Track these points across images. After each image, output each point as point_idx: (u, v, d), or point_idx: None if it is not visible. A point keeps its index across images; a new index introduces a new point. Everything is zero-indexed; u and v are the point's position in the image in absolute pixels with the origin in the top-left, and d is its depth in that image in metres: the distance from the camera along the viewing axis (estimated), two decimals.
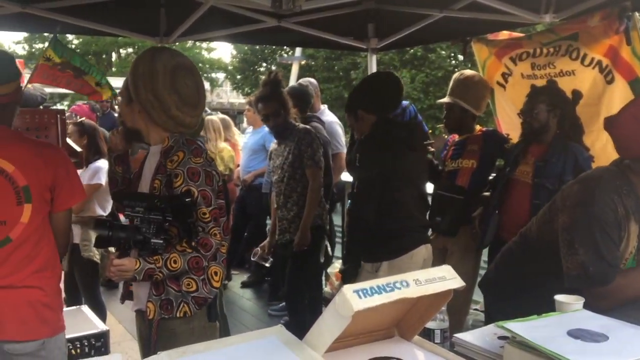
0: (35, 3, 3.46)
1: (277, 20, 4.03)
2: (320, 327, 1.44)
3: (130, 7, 3.62)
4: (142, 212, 2.08)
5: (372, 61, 4.67)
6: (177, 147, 2.18)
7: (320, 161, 3.91)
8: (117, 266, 2.06)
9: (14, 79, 2.13)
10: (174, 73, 2.15)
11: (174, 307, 2.15)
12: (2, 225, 2.08)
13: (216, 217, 2.14)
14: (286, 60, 24.10)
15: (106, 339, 2.98)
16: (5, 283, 2.07)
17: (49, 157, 2.20)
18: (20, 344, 2.08)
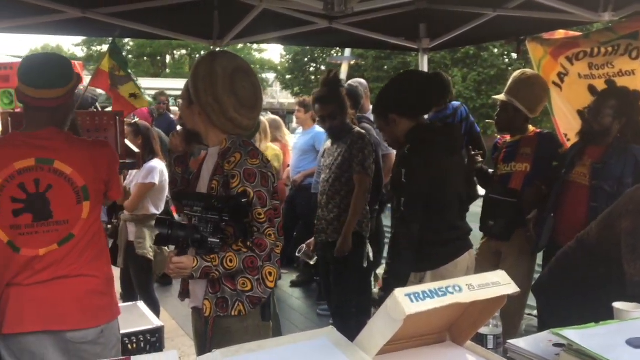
0: (95, 8, 3.58)
1: (328, 22, 4.05)
2: (372, 330, 1.44)
3: (185, 11, 3.70)
4: (200, 211, 2.13)
5: (424, 61, 4.63)
6: (234, 149, 2.22)
7: (370, 168, 3.87)
8: (176, 263, 2.12)
9: (64, 85, 2.18)
10: (233, 76, 2.20)
11: (229, 305, 2.19)
12: (65, 224, 2.17)
13: (271, 217, 2.18)
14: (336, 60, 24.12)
15: (161, 334, 3.06)
16: (67, 272, 2.17)
17: (100, 153, 2.29)
18: (81, 332, 2.17)
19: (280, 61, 33.29)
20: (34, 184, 2.12)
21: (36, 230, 2.12)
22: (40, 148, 2.14)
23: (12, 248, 2.10)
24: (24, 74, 2.14)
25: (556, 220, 3.16)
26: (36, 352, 2.11)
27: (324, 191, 4.04)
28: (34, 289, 2.12)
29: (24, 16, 3.62)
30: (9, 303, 2.11)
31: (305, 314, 5.33)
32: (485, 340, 1.66)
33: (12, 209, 2.09)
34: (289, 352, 1.45)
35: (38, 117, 2.17)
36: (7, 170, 2.09)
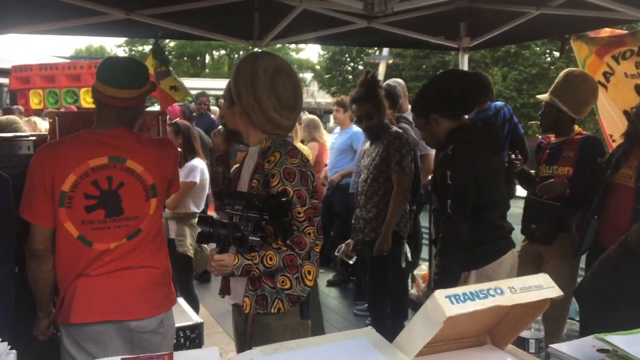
0: (139, 10, 3.66)
1: (367, 22, 4.04)
2: (411, 331, 1.44)
3: (225, 12, 3.74)
4: (241, 210, 2.15)
5: (464, 61, 4.58)
6: (274, 148, 2.24)
7: (408, 167, 3.86)
8: (218, 261, 2.15)
9: (136, 87, 2.26)
10: (273, 76, 2.22)
11: (268, 302, 2.22)
12: (134, 220, 2.25)
13: (310, 216, 2.19)
14: (373, 60, 24.02)
15: (200, 330, 3.10)
16: (134, 264, 2.25)
17: (167, 153, 2.39)
18: (144, 321, 2.25)
19: (318, 61, 33.35)
20: (107, 182, 2.20)
21: (108, 226, 2.21)
22: (112, 147, 2.22)
23: (84, 242, 2.19)
24: (103, 72, 2.24)
25: (600, 222, 3.08)
26: (101, 341, 2.18)
27: (362, 191, 4.05)
28: (101, 279, 2.20)
29: (70, 18, 3.72)
30: (76, 294, 2.18)
31: (341, 314, 5.33)
32: (527, 344, 1.63)
33: (85, 205, 2.18)
34: (327, 351, 1.46)
35: (109, 115, 2.25)
36: (81, 167, 2.17)
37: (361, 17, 3.95)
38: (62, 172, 2.16)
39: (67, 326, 2.22)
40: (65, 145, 2.24)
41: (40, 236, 2.17)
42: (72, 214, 2.17)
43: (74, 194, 2.17)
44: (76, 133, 2.30)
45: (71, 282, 2.21)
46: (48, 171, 2.15)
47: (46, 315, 2.33)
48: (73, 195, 2.16)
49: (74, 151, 2.20)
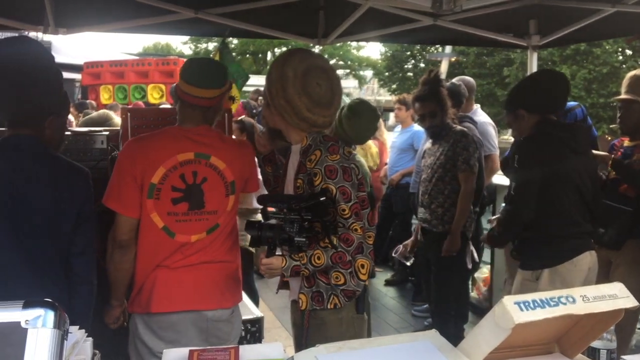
0: (207, 9, 3.74)
1: (433, 19, 3.99)
2: (477, 337, 1.42)
3: (291, 11, 3.78)
4: (284, 212, 2.19)
5: (533, 59, 4.44)
6: (314, 146, 2.25)
7: (475, 166, 3.80)
8: (266, 264, 2.20)
9: (216, 87, 2.34)
10: (304, 75, 2.21)
11: (324, 299, 2.24)
12: (214, 214, 2.34)
13: (357, 211, 2.18)
14: (436, 57, 23.69)
15: (261, 324, 3.14)
16: (211, 258, 2.34)
17: (245, 153, 2.47)
18: (219, 311, 2.35)
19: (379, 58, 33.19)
20: (192, 176, 2.30)
21: (190, 218, 2.30)
22: (198, 143, 2.31)
23: (167, 233, 2.28)
24: (187, 74, 2.32)
25: None
26: (179, 330, 2.28)
27: (425, 191, 4.01)
28: (181, 271, 2.29)
29: (141, 17, 3.85)
30: (156, 284, 2.28)
31: (399, 314, 5.30)
32: (598, 354, 1.58)
33: (171, 197, 2.27)
34: (391, 352, 1.46)
35: (193, 114, 2.34)
36: (171, 161, 2.27)
37: (427, 15, 3.90)
38: (153, 165, 2.26)
39: (144, 315, 2.31)
40: (156, 139, 2.34)
41: (126, 226, 2.27)
42: (159, 205, 2.27)
43: (162, 186, 2.27)
44: (164, 128, 2.41)
45: (150, 272, 2.30)
46: (139, 163, 2.25)
47: (120, 305, 2.43)
48: (161, 188, 2.27)
49: (164, 145, 2.30)
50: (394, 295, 5.80)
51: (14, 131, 2.10)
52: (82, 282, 2.17)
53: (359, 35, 4.44)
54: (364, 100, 3.37)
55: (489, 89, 22.87)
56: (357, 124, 3.14)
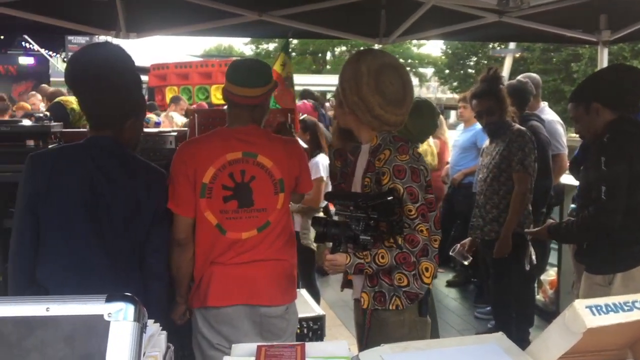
0: (271, 11, 3.81)
1: (497, 16, 3.91)
2: (546, 341, 1.39)
3: (353, 11, 3.79)
4: (351, 210, 2.20)
5: (604, 55, 4.28)
6: (384, 146, 2.26)
7: (530, 167, 3.71)
8: (330, 261, 2.23)
9: (262, 85, 2.39)
10: (378, 74, 2.23)
11: (386, 299, 2.24)
12: (263, 212, 2.39)
13: (424, 213, 2.18)
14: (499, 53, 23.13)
15: (322, 322, 3.18)
16: (264, 257, 2.38)
17: (294, 151, 2.50)
18: (272, 307, 2.39)
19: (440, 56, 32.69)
20: (240, 174, 2.35)
21: (240, 216, 2.36)
22: (246, 142, 2.37)
23: (220, 230, 2.35)
24: (232, 74, 2.38)
25: None
26: (233, 324, 2.35)
27: (481, 191, 3.95)
28: (236, 268, 2.36)
29: (208, 20, 3.95)
30: (212, 279, 2.35)
31: (461, 316, 5.22)
32: None
33: (222, 196, 2.34)
34: (457, 354, 1.45)
35: (241, 114, 2.40)
36: (220, 160, 2.33)
37: (492, 12, 3.83)
38: (204, 165, 2.32)
39: (202, 309, 2.38)
40: (205, 140, 2.41)
41: (183, 226, 2.35)
42: (211, 204, 2.34)
43: (213, 185, 2.33)
44: (214, 130, 2.48)
45: (207, 269, 2.37)
46: (191, 164, 2.32)
47: (184, 301, 2.51)
48: (212, 187, 2.33)
49: (213, 146, 2.36)
50: (455, 297, 5.72)
51: (95, 132, 2.22)
52: (155, 278, 2.27)
53: (421, 34, 4.41)
54: (424, 99, 3.35)
55: (555, 86, 22.15)
56: (417, 122, 3.12)
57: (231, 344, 2.27)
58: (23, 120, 2.95)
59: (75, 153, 2.19)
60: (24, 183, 2.15)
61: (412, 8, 3.75)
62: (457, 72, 29.19)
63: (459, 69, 29.19)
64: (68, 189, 2.13)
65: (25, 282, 2.15)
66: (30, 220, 2.13)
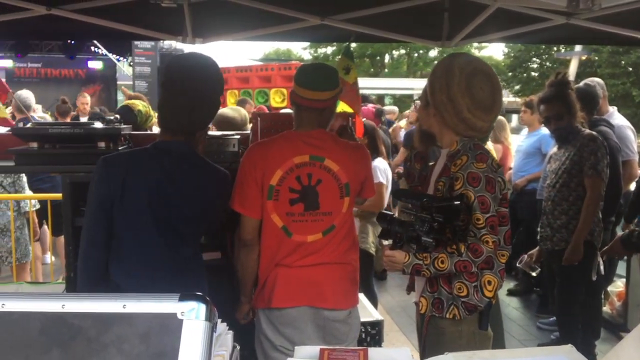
0: (333, 15, 3.82)
1: (565, 18, 3.79)
2: (618, 354, 1.34)
3: (415, 14, 3.76)
4: (416, 210, 2.18)
5: None
6: (463, 151, 2.23)
7: (603, 171, 3.59)
8: (389, 257, 2.23)
9: (331, 89, 2.42)
10: (470, 76, 2.21)
11: (444, 307, 2.22)
12: (329, 215, 2.41)
13: (493, 225, 2.13)
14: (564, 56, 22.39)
15: (381, 327, 3.16)
16: (328, 260, 2.41)
17: (360, 155, 2.52)
18: (335, 311, 2.41)
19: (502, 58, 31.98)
20: (307, 177, 2.39)
21: (306, 219, 2.39)
22: (313, 146, 2.40)
23: (286, 233, 2.39)
24: (301, 78, 2.43)
25: None
26: (297, 326, 2.37)
27: (549, 197, 3.84)
28: (300, 270, 2.39)
29: (269, 25, 4.00)
30: (277, 281, 2.39)
31: (523, 325, 5.09)
32: None
33: (289, 198, 2.38)
34: None
35: (308, 117, 2.43)
36: (288, 163, 2.38)
37: (559, 14, 3.72)
38: (271, 168, 2.37)
39: (266, 310, 2.41)
40: (273, 143, 2.45)
41: (250, 227, 2.40)
42: (278, 206, 2.38)
43: (280, 187, 2.37)
44: (281, 133, 2.51)
45: (272, 270, 2.41)
46: (259, 167, 2.37)
47: (248, 301, 2.55)
48: (279, 189, 2.37)
49: (281, 149, 2.40)
50: (517, 306, 5.58)
51: (169, 137, 2.28)
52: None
53: (484, 37, 4.32)
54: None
55: (624, 89, 21.33)
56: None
57: (294, 346, 2.30)
58: (95, 123, 3.07)
59: (146, 156, 2.27)
60: (96, 184, 2.23)
61: (475, 11, 3.68)
62: (519, 75, 28.48)
63: (521, 71, 28.49)
64: (139, 191, 2.21)
65: (94, 279, 2.24)
66: (102, 219, 2.22)
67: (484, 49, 34.58)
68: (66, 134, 2.91)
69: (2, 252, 4.87)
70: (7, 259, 4.90)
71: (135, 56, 13.64)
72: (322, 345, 1.74)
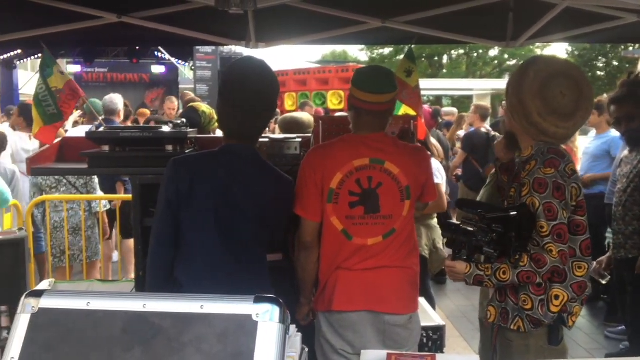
0: (394, 17, 3.80)
1: (637, 16, 3.65)
2: None
3: (478, 14, 3.70)
4: (477, 220, 2.15)
5: None
6: (534, 156, 2.17)
7: None
8: (449, 267, 2.22)
9: (391, 91, 2.42)
10: (546, 79, 2.14)
11: (509, 318, 2.19)
12: (389, 218, 2.40)
13: (560, 233, 2.05)
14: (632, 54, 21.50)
15: (442, 333, 3.11)
16: (389, 263, 2.40)
17: (421, 158, 2.50)
18: (396, 316, 2.39)
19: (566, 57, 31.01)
20: (367, 181, 2.39)
21: (367, 222, 2.39)
22: (373, 149, 2.40)
23: (346, 236, 2.40)
24: (360, 82, 2.42)
25: None
26: (357, 330, 2.37)
27: (619, 202, 3.71)
28: (361, 274, 2.39)
29: (330, 29, 4.02)
30: (337, 284, 2.40)
31: (590, 334, 4.92)
32: None
33: (349, 202, 2.39)
34: None
35: (368, 121, 2.43)
36: (347, 166, 2.38)
37: (632, 12, 3.58)
38: (331, 171, 2.38)
39: (326, 313, 2.42)
40: (333, 147, 2.47)
41: (310, 229, 2.42)
42: (338, 209, 2.38)
43: (340, 191, 2.38)
44: (341, 136, 2.52)
45: (332, 273, 2.42)
46: (319, 170, 2.39)
47: (308, 303, 2.57)
48: (339, 193, 2.38)
49: (341, 152, 2.41)
50: (583, 314, 5.38)
51: (232, 140, 2.34)
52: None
53: (551, 37, 4.21)
54: None
55: None
56: None
57: (355, 349, 2.32)
58: (163, 127, 3.16)
59: (214, 159, 2.33)
60: (166, 185, 2.30)
61: (542, 10, 3.59)
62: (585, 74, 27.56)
63: (586, 71, 27.51)
64: (206, 193, 2.26)
65: (163, 278, 2.30)
66: (170, 220, 2.28)
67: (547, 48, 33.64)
68: (136, 138, 3.01)
69: (74, 250, 5.09)
70: (78, 257, 5.12)
71: (197, 60, 13.95)
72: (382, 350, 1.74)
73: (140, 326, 1.03)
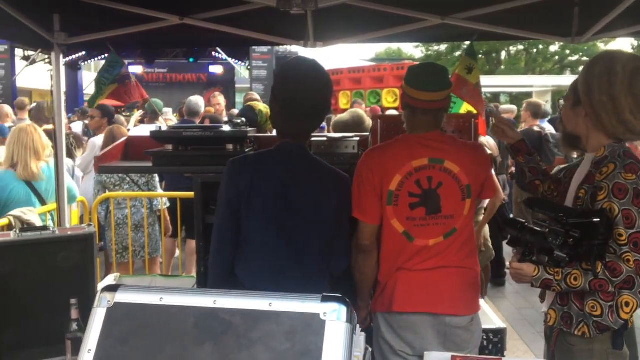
0: (454, 14, 3.74)
1: None
2: None
3: (541, 9, 3.60)
4: (550, 222, 2.08)
5: None
6: (610, 159, 2.09)
7: None
8: (516, 269, 2.15)
9: (446, 88, 2.39)
10: (633, 75, 2.06)
11: (573, 323, 2.12)
12: (451, 218, 2.38)
13: (637, 242, 1.98)
14: None
15: (503, 335, 3.04)
16: (449, 263, 2.38)
17: (480, 156, 2.46)
18: (457, 317, 2.36)
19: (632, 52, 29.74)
20: (427, 181, 2.37)
21: (428, 223, 2.37)
22: (431, 149, 2.38)
23: (407, 237, 2.38)
24: (414, 80, 2.40)
25: None
26: (417, 331, 2.36)
27: None
28: (421, 274, 2.38)
29: (389, 27, 4.00)
30: (397, 285, 2.39)
31: None
32: None
33: (409, 203, 2.37)
34: None
35: (424, 119, 2.41)
36: (406, 168, 2.37)
37: None
38: (390, 173, 2.36)
39: (386, 314, 2.41)
40: (390, 148, 2.45)
41: (368, 232, 2.40)
42: (398, 211, 2.36)
43: (400, 192, 2.36)
44: (397, 137, 2.50)
45: (392, 274, 2.40)
46: (377, 172, 2.37)
47: (366, 306, 2.57)
48: (399, 194, 2.36)
49: (398, 153, 2.39)
50: None
51: (285, 140, 2.36)
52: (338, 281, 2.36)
53: (618, 32, 4.04)
54: None
55: None
56: None
57: (414, 351, 2.30)
58: (223, 126, 3.23)
59: (271, 159, 2.35)
60: (226, 186, 2.34)
61: (609, 4, 3.46)
62: None
63: None
64: (265, 193, 2.29)
65: (224, 276, 2.35)
66: (231, 219, 2.32)
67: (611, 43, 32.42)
68: (197, 137, 3.09)
69: (136, 246, 5.25)
70: (140, 253, 5.28)
71: (253, 60, 14.15)
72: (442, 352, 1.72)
73: (211, 322, 1.05)
